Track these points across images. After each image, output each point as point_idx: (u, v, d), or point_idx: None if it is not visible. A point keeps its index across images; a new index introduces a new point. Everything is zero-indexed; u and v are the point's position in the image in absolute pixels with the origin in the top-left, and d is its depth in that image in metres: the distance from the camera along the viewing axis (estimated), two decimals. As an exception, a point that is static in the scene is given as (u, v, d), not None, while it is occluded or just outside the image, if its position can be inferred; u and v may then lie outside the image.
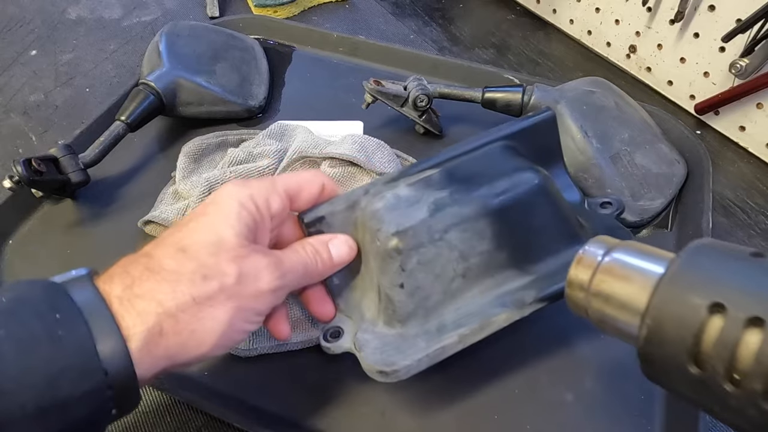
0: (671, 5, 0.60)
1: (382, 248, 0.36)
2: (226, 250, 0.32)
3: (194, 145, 0.54)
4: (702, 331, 0.23)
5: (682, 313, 0.24)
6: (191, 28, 0.63)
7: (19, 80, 0.69)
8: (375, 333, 0.37)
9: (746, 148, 0.60)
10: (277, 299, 0.34)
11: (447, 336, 0.36)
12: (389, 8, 0.81)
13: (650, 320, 0.25)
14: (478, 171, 0.40)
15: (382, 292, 0.37)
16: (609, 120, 0.53)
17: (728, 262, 0.25)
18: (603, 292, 0.29)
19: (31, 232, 0.51)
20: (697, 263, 0.25)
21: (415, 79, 0.56)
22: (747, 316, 0.22)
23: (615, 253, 0.30)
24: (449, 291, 0.37)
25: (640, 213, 0.51)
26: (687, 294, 0.24)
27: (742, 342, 0.22)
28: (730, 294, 0.23)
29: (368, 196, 0.38)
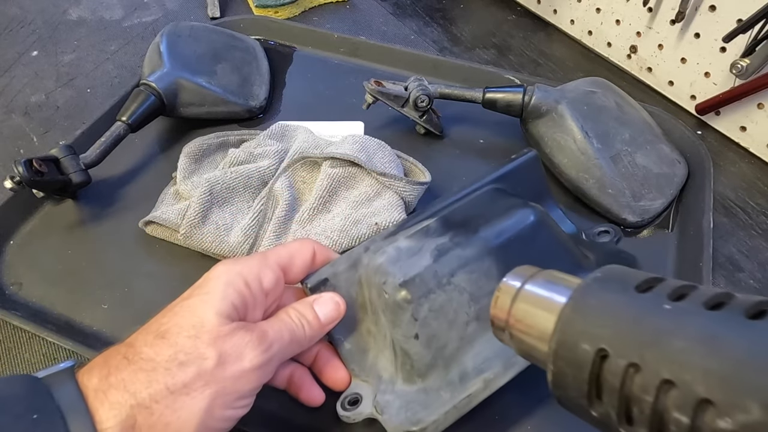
0: (672, 5, 0.60)
1: (391, 300, 0.36)
2: (207, 332, 0.31)
3: (195, 146, 0.54)
4: (596, 377, 0.23)
5: (576, 359, 0.24)
6: (192, 29, 0.63)
7: (21, 81, 0.69)
8: (395, 393, 0.36)
9: (747, 149, 0.60)
10: (264, 376, 0.33)
11: (471, 383, 0.35)
12: (390, 9, 0.81)
13: (552, 365, 0.25)
14: (474, 214, 0.40)
15: (397, 347, 0.36)
16: (610, 120, 0.53)
17: (613, 299, 0.24)
18: (520, 325, 0.29)
19: (32, 232, 0.51)
20: (586, 300, 0.25)
21: (416, 79, 0.56)
22: (626, 362, 0.22)
23: (531, 282, 0.30)
24: (465, 336, 0.36)
25: (641, 213, 0.50)
26: (578, 340, 0.24)
27: (626, 387, 0.22)
28: (611, 338, 0.23)
29: (369, 253, 0.38)
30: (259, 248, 0.46)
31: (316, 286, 0.38)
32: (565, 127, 0.52)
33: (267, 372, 0.33)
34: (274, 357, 0.33)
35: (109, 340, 0.44)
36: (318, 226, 0.47)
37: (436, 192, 0.53)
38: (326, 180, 0.48)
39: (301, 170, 0.51)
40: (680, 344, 0.21)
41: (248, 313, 0.34)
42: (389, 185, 0.48)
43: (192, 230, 0.47)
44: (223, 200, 0.49)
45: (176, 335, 0.30)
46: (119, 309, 0.46)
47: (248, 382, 0.31)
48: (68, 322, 0.45)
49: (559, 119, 0.52)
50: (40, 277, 0.48)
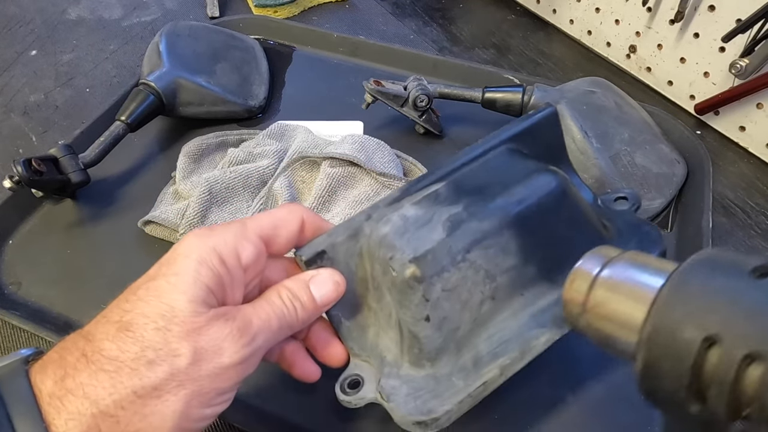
0: (671, 5, 0.60)
1: (399, 278, 0.32)
2: (178, 323, 0.26)
3: (194, 145, 0.54)
4: (699, 367, 0.21)
5: (676, 346, 0.22)
6: (191, 28, 0.63)
7: (20, 80, 0.69)
8: (401, 377, 0.33)
9: (746, 148, 0.60)
10: (247, 369, 0.29)
11: (486, 370, 0.32)
12: (389, 8, 0.81)
13: (645, 351, 0.23)
14: (488, 180, 0.36)
15: (405, 329, 0.33)
16: (609, 120, 0.53)
17: (724, 282, 0.22)
18: (600, 311, 0.27)
19: (31, 232, 0.51)
20: (691, 284, 0.23)
21: (415, 79, 0.56)
22: (744, 351, 0.20)
23: (612, 267, 0.27)
24: (480, 318, 0.33)
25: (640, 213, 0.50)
26: (679, 324, 0.22)
27: (742, 380, 0.20)
28: (724, 325, 0.20)
29: (371, 222, 0.34)
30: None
31: (312, 259, 0.33)
32: (565, 127, 0.51)
33: (251, 364, 0.29)
34: (259, 349, 0.29)
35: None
36: (317, 225, 0.47)
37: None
38: (326, 180, 0.48)
39: (301, 170, 0.51)
40: None
41: (227, 295, 0.29)
42: (388, 185, 0.48)
43: (191, 230, 0.47)
44: (222, 200, 0.49)
45: (142, 327, 0.26)
46: (118, 309, 0.46)
47: (228, 379, 0.28)
48: (67, 322, 0.45)
49: (558, 119, 0.52)
50: (39, 277, 0.48)
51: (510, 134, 0.39)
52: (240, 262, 0.30)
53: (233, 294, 0.30)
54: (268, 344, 0.30)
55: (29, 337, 0.44)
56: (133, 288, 0.28)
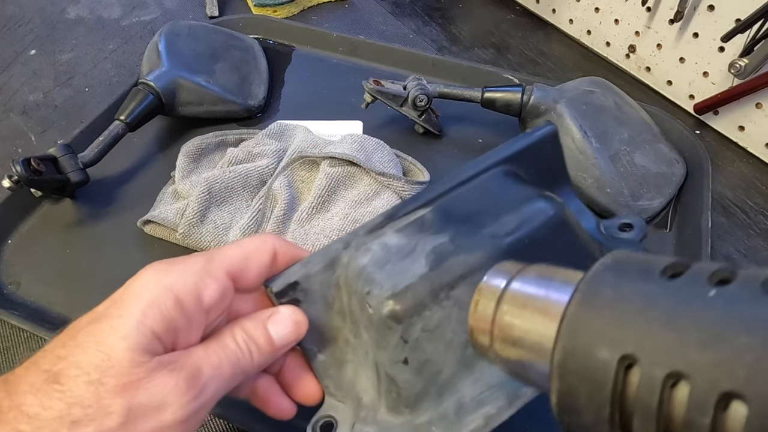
0: (671, 5, 0.60)
1: (376, 317, 0.29)
2: (113, 375, 0.23)
3: (193, 145, 0.54)
4: (620, 393, 0.18)
5: (591, 372, 0.18)
6: (190, 28, 0.63)
7: (19, 80, 0.69)
8: (378, 423, 0.30)
9: (745, 148, 0.60)
10: (194, 424, 0.25)
11: (470, 419, 0.29)
12: (389, 8, 0.81)
13: (557, 381, 0.19)
14: (479, 206, 0.33)
15: (382, 372, 0.30)
16: (608, 120, 0.53)
17: (635, 288, 0.19)
18: (508, 332, 0.23)
19: (30, 231, 0.51)
20: (599, 294, 0.19)
21: (415, 78, 0.56)
22: (665, 371, 0.16)
23: (519, 280, 0.24)
24: (464, 360, 0.30)
25: (639, 213, 0.51)
26: (592, 345, 0.18)
27: (668, 404, 0.17)
28: (640, 340, 0.17)
29: (350, 250, 0.31)
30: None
31: (284, 291, 0.30)
32: (564, 127, 0.52)
33: (197, 420, 0.26)
34: (209, 402, 0.26)
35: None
36: (317, 225, 0.47)
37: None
38: (325, 179, 0.48)
39: (300, 169, 0.51)
40: (746, 341, 0.15)
41: (179, 339, 0.26)
42: (388, 185, 0.48)
43: (190, 229, 0.47)
44: (221, 199, 0.49)
45: (73, 380, 0.23)
46: (118, 308, 0.46)
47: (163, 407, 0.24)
48: (66, 322, 0.45)
49: (557, 119, 0.52)
50: (38, 277, 0.48)
51: (507, 154, 0.35)
52: (201, 304, 0.27)
53: (188, 337, 0.27)
54: (218, 393, 0.26)
55: (28, 337, 0.44)
56: (75, 327, 0.25)
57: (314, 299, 0.31)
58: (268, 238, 0.31)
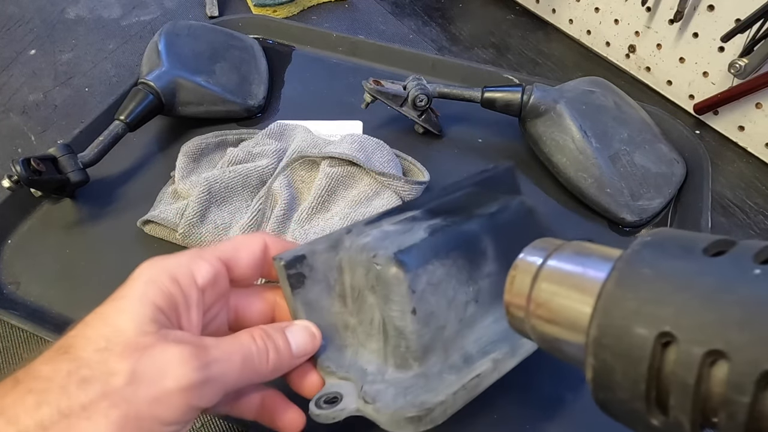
0: (670, 5, 0.60)
1: (384, 271, 0.31)
2: (120, 343, 0.25)
3: (193, 145, 0.54)
4: (657, 371, 0.18)
5: (627, 348, 0.18)
6: (190, 28, 0.63)
7: (18, 80, 0.69)
8: (387, 381, 0.31)
9: (745, 148, 0.60)
10: (196, 400, 0.25)
11: (478, 364, 0.31)
12: (388, 8, 0.81)
13: (592, 358, 0.19)
14: (461, 204, 0.37)
15: (390, 327, 0.32)
16: (608, 120, 0.53)
17: (675, 265, 0.19)
18: (545, 308, 0.23)
19: (30, 231, 0.51)
20: (638, 271, 0.19)
21: (415, 78, 0.56)
22: (704, 348, 0.16)
23: (556, 257, 0.24)
24: (465, 319, 0.33)
25: (639, 213, 0.51)
26: (629, 322, 0.18)
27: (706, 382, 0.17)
28: (679, 318, 0.17)
29: (351, 235, 0.34)
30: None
31: (292, 262, 0.32)
32: (564, 127, 0.52)
33: (201, 397, 0.26)
34: (214, 380, 0.26)
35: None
36: (317, 225, 0.47)
37: (435, 192, 0.53)
38: (325, 179, 0.48)
39: (300, 169, 0.51)
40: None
41: (181, 317, 0.28)
42: (388, 184, 0.48)
43: (190, 229, 0.47)
44: (221, 199, 0.49)
45: (82, 348, 0.25)
46: (117, 308, 0.46)
47: (170, 407, 0.25)
48: (66, 322, 0.45)
49: (557, 119, 0.52)
50: (38, 277, 0.48)
51: (476, 180, 0.40)
52: (195, 282, 0.28)
53: (189, 317, 0.28)
54: (226, 380, 0.27)
55: (28, 337, 0.44)
56: (83, 319, 0.27)
57: (318, 278, 0.33)
58: (259, 233, 0.33)
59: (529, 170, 0.57)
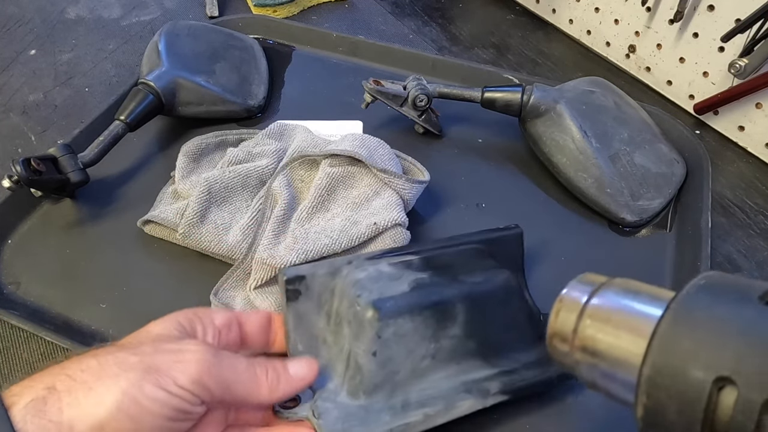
0: (670, 5, 0.60)
1: (361, 313, 0.36)
2: (149, 337, 0.31)
3: (193, 145, 0.54)
4: (712, 412, 0.18)
5: (683, 389, 0.18)
6: (190, 28, 0.63)
7: (18, 80, 0.69)
8: (337, 403, 0.36)
9: (745, 148, 0.60)
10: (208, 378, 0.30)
11: (412, 413, 0.36)
12: (388, 8, 0.81)
13: (645, 397, 0.20)
14: (455, 263, 0.41)
15: (352, 360, 0.37)
16: (608, 120, 0.53)
17: (732, 311, 0.19)
18: (590, 345, 0.23)
19: (30, 231, 0.51)
20: (695, 314, 0.20)
21: (415, 78, 0.56)
22: (765, 396, 0.17)
23: (602, 295, 0.24)
24: (418, 369, 0.37)
25: (639, 213, 0.51)
26: (685, 363, 0.19)
27: (764, 429, 0.17)
28: (738, 364, 0.17)
29: (351, 267, 0.39)
30: (258, 247, 0.46)
31: (293, 279, 0.38)
32: (564, 127, 0.52)
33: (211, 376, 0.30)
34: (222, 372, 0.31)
35: (107, 339, 0.44)
36: (317, 225, 0.47)
37: (435, 191, 0.53)
38: (325, 179, 0.48)
39: (300, 169, 0.51)
40: None
41: (198, 336, 0.33)
42: (389, 182, 0.48)
43: (190, 229, 0.47)
44: (221, 199, 0.49)
45: (121, 343, 0.31)
46: (118, 308, 0.46)
47: (186, 372, 0.29)
48: (66, 321, 0.45)
49: (557, 119, 0.52)
50: (38, 277, 0.48)
51: (480, 238, 0.44)
52: (213, 321, 0.34)
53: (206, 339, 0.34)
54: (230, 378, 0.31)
55: (28, 337, 0.44)
56: None
57: (311, 297, 0.38)
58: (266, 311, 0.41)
59: (529, 170, 0.57)
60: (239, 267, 0.46)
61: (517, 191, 0.55)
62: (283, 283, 0.38)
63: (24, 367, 0.43)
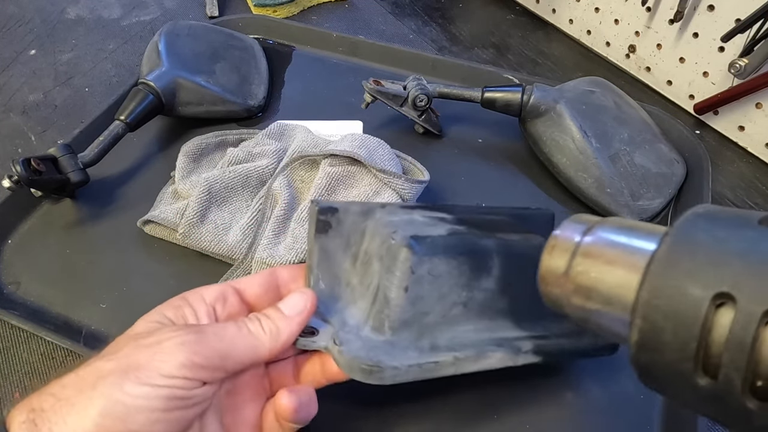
0: (670, 5, 0.60)
1: (395, 247, 0.34)
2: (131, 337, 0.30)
3: (193, 145, 0.54)
4: (708, 331, 0.18)
5: (680, 308, 0.18)
6: (190, 28, 0.63)
7: (18, 80, 0.69)
8: (360, 337, 0.34)
9: (745, 148, 0.60)
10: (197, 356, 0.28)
11: (441, 354, 0.34)
12: (389, 8, 0.81)
13: (641, 320, 0.20)
14: (488, 224, 0.39)
15: (381, 293, 0.35)
16: (608, 120, 0.53)
17: (732, 234, 0.19)
18: (583, 284, 0.23)
19: (30, 231, 0.51)
20: (692, 239, 0.19)
21: (415, 78, 0.56)
22: (764, 308, 0.17)
23: (595, 233, 0.24)
24: (448, 316, 0.36)
25: (640, 213, 0.51)
26: (683, 283, 0.18)
27: (762, 342, 0.17)
28: (738, 279, 0.17)
29: (384, 211, 0.38)
30: (258, 248, 0.46)
31: (325, 210, 0.36)
32: (564, 127, 0.52)
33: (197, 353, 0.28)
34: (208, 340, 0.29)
35: (107, 339, 0.43)
36: (317, 225, 0.47)
37: (435, 191, 0.53)
38: (325, 179, 0.48)
39: (300, 169, 0.51)
40: None
41: (188, 320, 0.32)
42: (388, 182, 0.48)
43: (190, 229, 0.47)
44: (221, 199, 0.49)
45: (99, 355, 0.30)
46: (118, 308, 0.46)
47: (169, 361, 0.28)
48: (66, 322, 0.45)
49: (557, 118, 0.52)
50: (38, 277, 0.48)
51: (513, 212, 0.42)
52: (204, 299, 0.33)
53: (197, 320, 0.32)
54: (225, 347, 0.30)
55: (28, 337, 0.44)
56: None
57: (341, 233, 0.37)
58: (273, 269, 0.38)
59: (529, 170, 0.57)
60: (239, 267, 0.46)
61: (517, 191, 0.55)
62: (315, 212, 0.36)
63: (24, 367, 0.43)
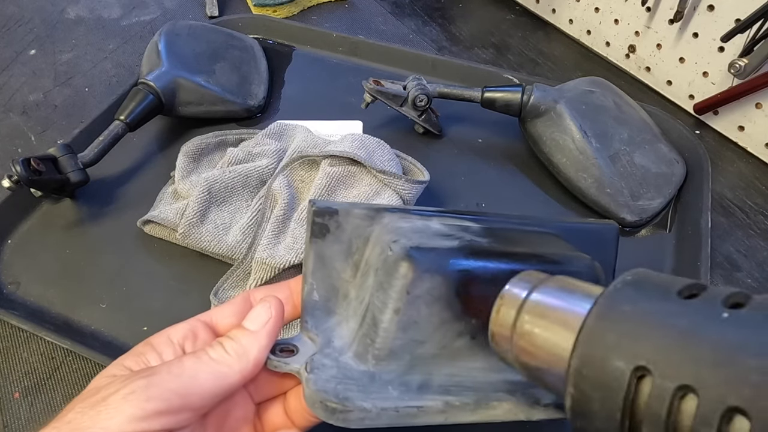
0: (670, 5, 0.60)
1: (392, 259, 0.29)
2: (78, 400, 0.27)
3: (193, 145, 0.54)
4: (632, 402, 0.19)
5: (605, 379, 0.19)
6: (190, 28, 0.63)
7: (18, 80, 0.69)
8: (338, 362, 0.30)
9: (745, 148, 0.60)
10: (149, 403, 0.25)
11: (430, 398, 0.29)
12: (388, 8, 0.81)
13: (572, 388, 0.21)
14: (524, 239, 0.33)
15: (369, 313, 0.29)
16: (608, 120, 0.53)
17: (653, 306, 0.20)
18: (527, 343, 0.24)
19: (30, 231, 0.51)
20: (618, 310, 0.21)
21: (415, 78, 0.56)
22: (677, 383, 0.18)
23: (540, 291, 0.25)
24: (449, 348, 0.29)
25: (639, 213, 0.51)
26: (608, 354, 0.20)
27: (676, 415, 0.18)
28: (654, 355, 0.19)
29: (393, 215, 0.32)
30: (258, 247, 0.46)
31: (322, 211, 0.31)
32: (564, 127, 0.52)
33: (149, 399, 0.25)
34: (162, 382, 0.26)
35: (107, 339, 0.44)
36: (317, 225, 0.47)
37: (435, 191, 0.53)
38: (325, 179, 0.48)
39: (300, 169, 0.51)
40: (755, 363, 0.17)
41: (150, 364, 0.29)
42: (388, 183, 0.48)
43: (190, 229, 0.47)
44: (221, 199, 0.49)
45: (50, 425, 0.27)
46: (117, 308, 0.46)
47: (115, 415, 0.25)
48: (66, 322, 0.45)
49: (557, 119, 0.52)
50: (38, 277, 0.48)
51: (563, 226, 0.35)
52: (170, 340, 0.30)
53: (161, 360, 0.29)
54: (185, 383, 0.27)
55: (28, 337, 0.44)
56: None
57: (341, 239, 0.32)
58: None
59: (529, 170, 0.57)
60: (239, 267, 0.46)
61: (517, 191, 0.55)
62: (311, 213, 0.31)
63: (24, 367, 0.43)
